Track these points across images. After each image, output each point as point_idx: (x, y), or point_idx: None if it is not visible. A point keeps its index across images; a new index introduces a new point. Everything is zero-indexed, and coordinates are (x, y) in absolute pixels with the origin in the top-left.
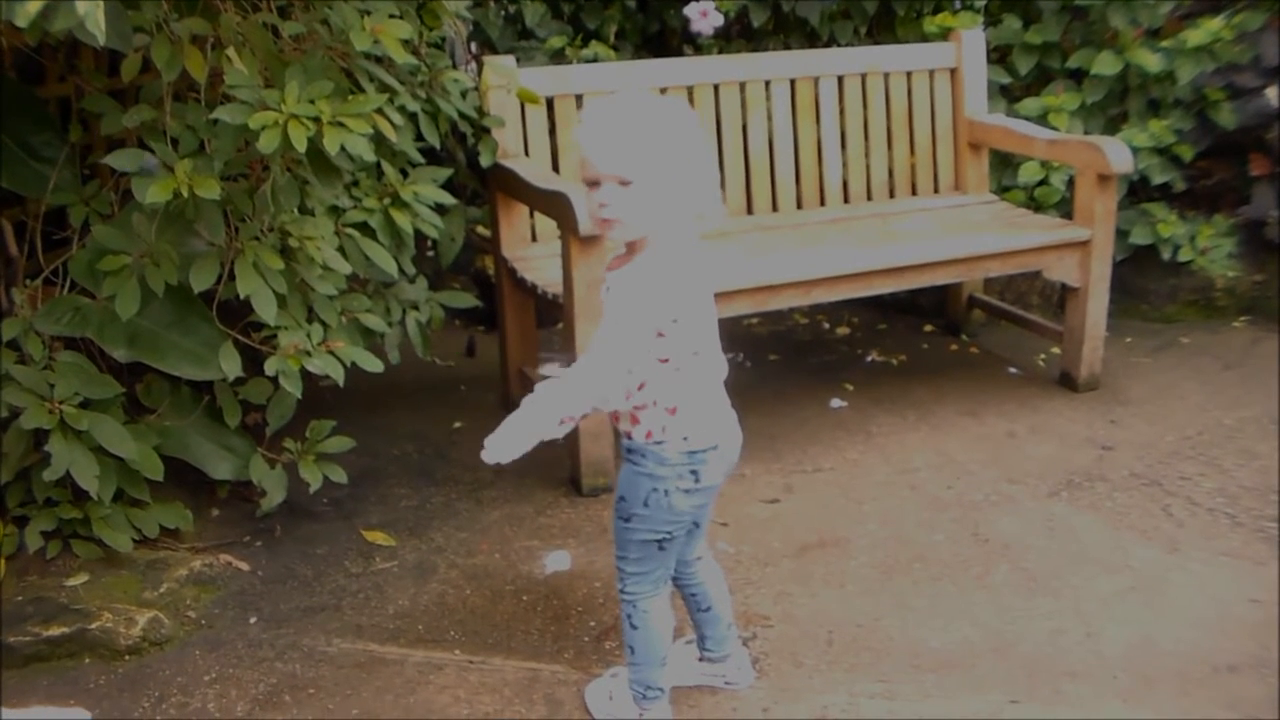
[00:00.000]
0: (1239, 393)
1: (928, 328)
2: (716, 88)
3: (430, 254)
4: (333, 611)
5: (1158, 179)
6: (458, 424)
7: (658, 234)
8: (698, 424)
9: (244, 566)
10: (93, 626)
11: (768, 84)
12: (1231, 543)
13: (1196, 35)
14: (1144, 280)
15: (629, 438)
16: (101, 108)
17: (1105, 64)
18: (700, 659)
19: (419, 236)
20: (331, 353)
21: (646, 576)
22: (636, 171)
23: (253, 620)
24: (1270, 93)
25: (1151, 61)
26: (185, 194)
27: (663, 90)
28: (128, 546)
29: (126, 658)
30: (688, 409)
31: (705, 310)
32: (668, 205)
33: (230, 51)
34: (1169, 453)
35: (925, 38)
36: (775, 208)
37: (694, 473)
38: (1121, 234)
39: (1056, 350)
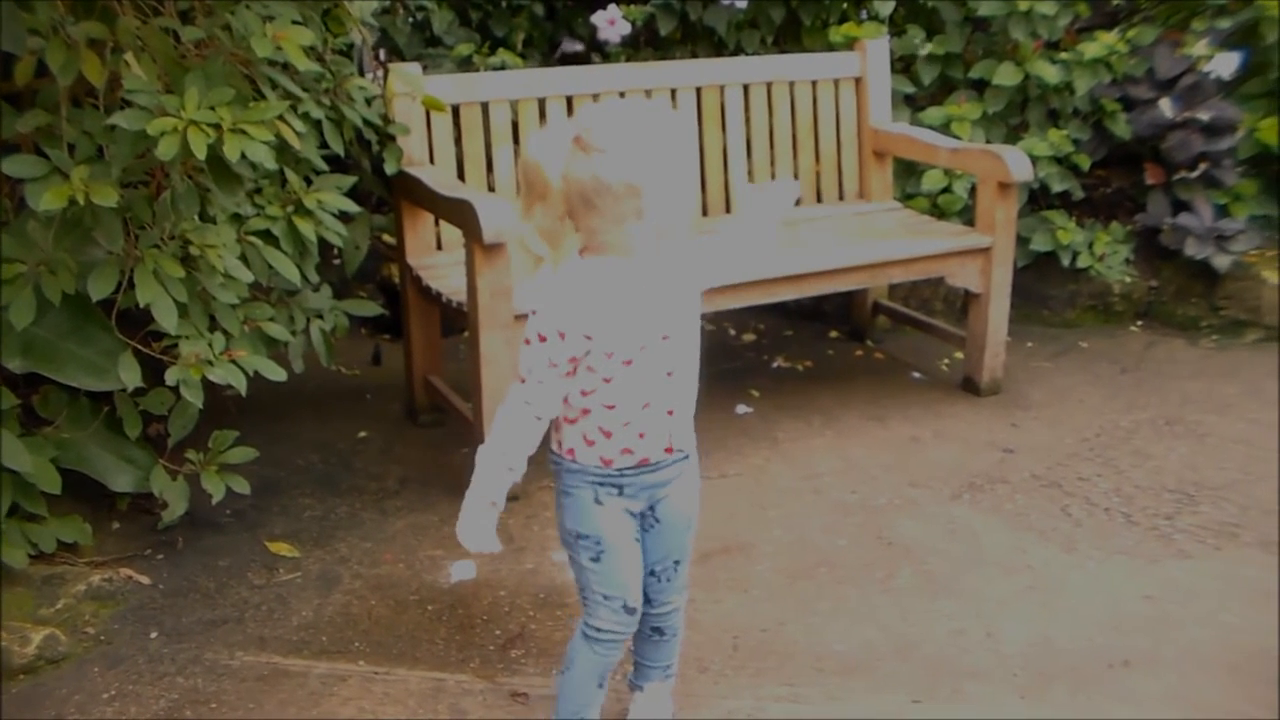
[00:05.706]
0: (1134, 395)
1: (833, 334)
2: (623, 95)
3: (335, 262)
4: (235, 624)
5: (1057, 187)
6: (363, 433)
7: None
8: None
9: (145, 580)
10: None
11: (674, 92)
12: (1126, 541)
13: (1093, 48)
14: (1044, 286)
15: (683, 454)
16: None
17: (1006, 75)
18: None
19: (323, 244)
20: (234, 362)
21: None
22: None
23: (153, 635)
24: (1164, 104)
25: (1050, 73)
26: (82, 201)
27: (569, 99)
28: (23, 563)
29: (21, 677)
30: None
31: None
32: None
33: (129, 56)
34: (1068, 454)
35: (831, 47)
36: None
37: None
38: (1022, 241)
39: (959, 355)
